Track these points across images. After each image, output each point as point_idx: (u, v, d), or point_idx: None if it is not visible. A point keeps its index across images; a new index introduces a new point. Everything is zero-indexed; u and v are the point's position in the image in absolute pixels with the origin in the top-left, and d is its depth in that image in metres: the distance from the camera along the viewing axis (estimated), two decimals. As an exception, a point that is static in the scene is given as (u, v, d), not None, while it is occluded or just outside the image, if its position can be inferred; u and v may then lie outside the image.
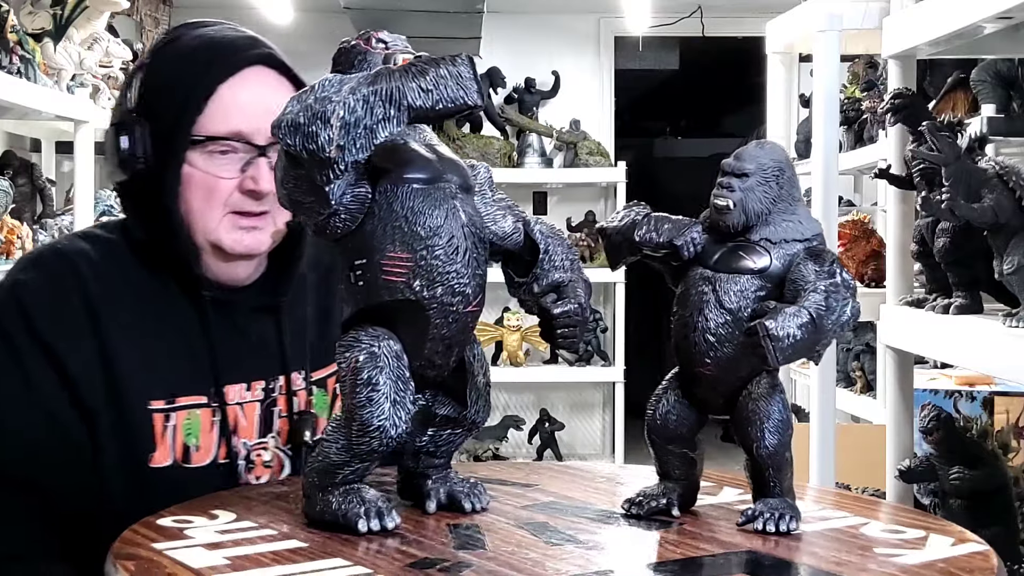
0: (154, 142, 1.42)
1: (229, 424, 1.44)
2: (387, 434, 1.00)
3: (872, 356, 3.70)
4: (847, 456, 2.58)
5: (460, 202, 1.02)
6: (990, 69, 2.60)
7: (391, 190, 1.00)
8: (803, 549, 1.05)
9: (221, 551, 1.01)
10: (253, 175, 1.42)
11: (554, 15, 5.77)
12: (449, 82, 0.98)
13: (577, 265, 1.10)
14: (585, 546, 1.04)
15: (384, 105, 0.97)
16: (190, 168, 1.42)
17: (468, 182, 1.05)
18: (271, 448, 1.48)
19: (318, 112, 0.97)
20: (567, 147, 5.57)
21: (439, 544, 1.03)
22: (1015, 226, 1.71)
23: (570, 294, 1.07)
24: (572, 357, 5.54)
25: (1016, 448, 2.44)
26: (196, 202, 1.43)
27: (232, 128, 1.42)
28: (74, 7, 3.28)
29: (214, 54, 1.45)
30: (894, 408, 2.22)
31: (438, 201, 1.00)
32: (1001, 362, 1.71)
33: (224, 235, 1.43)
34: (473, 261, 1.02)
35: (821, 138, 2.45)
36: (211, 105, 1.42)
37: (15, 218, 3.05)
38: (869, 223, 2.74)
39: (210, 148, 1.42)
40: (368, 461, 1.03)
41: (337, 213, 1.00)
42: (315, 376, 1.53)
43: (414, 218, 0.99)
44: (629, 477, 1.36)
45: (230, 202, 1.43)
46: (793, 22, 2.65)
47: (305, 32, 5.53)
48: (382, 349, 1.02)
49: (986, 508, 1.95)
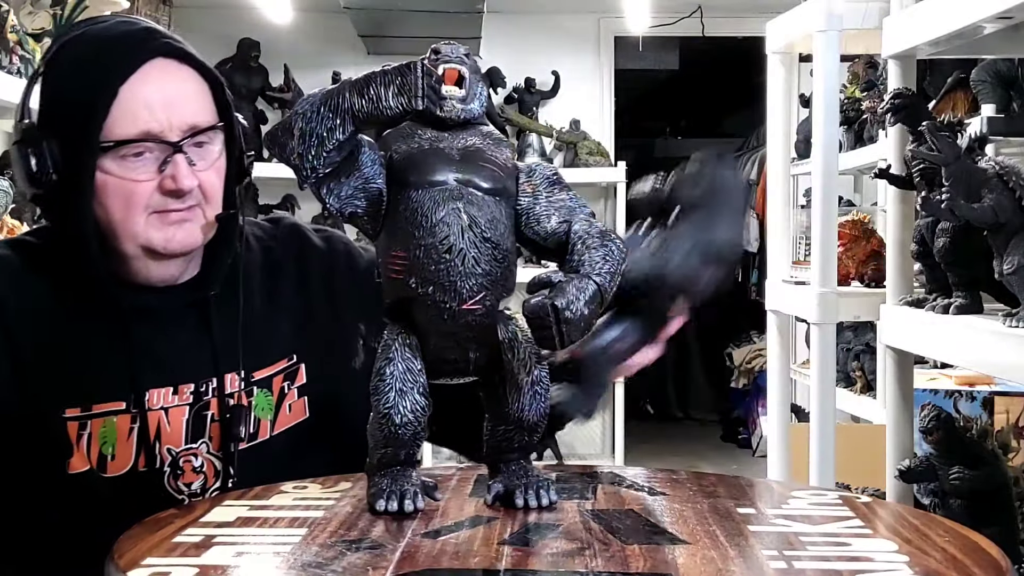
0: (62, 153, 1.34)
1: (150, 431, 1.38)
2: (392, 421, 1.05)
3: (872, 356, 3.71)
4: (847, 456, 2.58)
5: (465, 203, 1.03)
6: (990, 69, 2.61)
7: (401, 192, 1.05)
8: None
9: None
10: (172, 174, 1.35)
11: (554, 15, 5.77)
12: (390, 91, 1.04)
13: (602, 271, 1.02)
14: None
15: (330, 114, 1.04)
16: (104, 176, 1.35)
17: (495, 185, 1.05)
18: (202, 454, 1.41)
19: (287, 124, 1.05)
20: (567, 147, 5.57)
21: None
22: (1015, 226, 1.71)
23: (558, 292, 1.01)
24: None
25: (1016, 448, 2.44)
26: (116, 210, 1.36)
27: (141, 129, 1.34)
28: (74, 7, 3.28)
29: (109, 54, 1.37)
30: (894, 408, 2.22)
31: (439, 203, 1.03)
32: (1001, 362, 1.71)
33: (154, 235, 1.36)
34: (471, 260, 1.03)
35: (821, 138, 2.45)
36: (115, 108, 1.34)
37: (15, 218, 3.05)
38: (869, 223, 2.74)
39: (122, 152, 1.34)
40: (390, 446, 1.06)
41: (342, 212, 1.06)
42: (258, 376, 1.45)
43: (413, 218, 1.03)
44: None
45: (151, 203, 1.36)
46: (793, 22, 2.65)
47: (305, 32, 5.53)
48: (395, 342, 1.06)
49: (986, 508, 1.95)
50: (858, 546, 1.00)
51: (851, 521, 1.08)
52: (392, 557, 0.96)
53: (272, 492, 1.20)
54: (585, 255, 1.04)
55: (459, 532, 1.04)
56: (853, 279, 2.64)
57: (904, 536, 1.04)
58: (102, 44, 1.38)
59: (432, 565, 0.95)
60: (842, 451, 2.47)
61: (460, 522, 1.07)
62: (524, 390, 1.08)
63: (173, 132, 1.35)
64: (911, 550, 0.98)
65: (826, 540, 1.02)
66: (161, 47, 1.38)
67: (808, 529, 1.05)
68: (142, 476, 1.38)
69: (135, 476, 1.38)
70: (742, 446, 6.80)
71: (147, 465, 1.38)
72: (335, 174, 1.06)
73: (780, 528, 1.06)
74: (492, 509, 1.11)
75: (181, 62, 1.39)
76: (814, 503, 1.16)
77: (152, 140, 1.35)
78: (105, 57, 1.36)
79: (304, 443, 1.47)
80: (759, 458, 6.07)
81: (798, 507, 1.14)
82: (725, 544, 1.00)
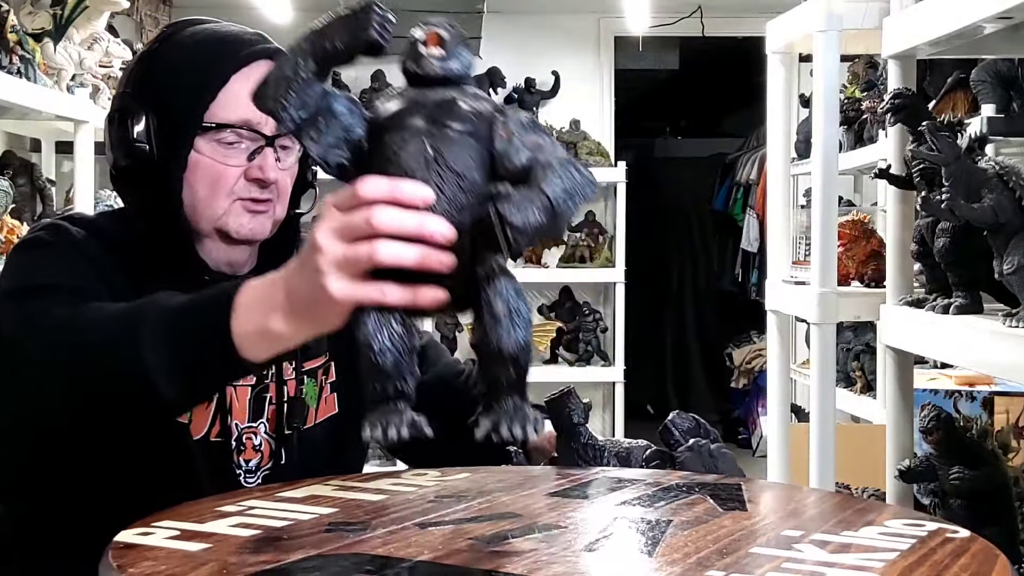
0: (161, 128, 1.44)
1: (225, 403, 1.46)
2: (372, 350, 1.05)
3: (872, 356, 3.70)
4: (847, 456, 2.58)
5: (432, 140, 1.05)
6: (990, 69, 2.60)
7: (379, 140, 1.07)
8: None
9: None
10: (260, 164, 1.46)
11: (554, 15, 5.77)
12: (344, 27, 1.06)
13: (564, 191, 1.05)
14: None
15: (295, 56, 1.07)
16: (197, 155, 1.45)
17: (465, 127, 1.06)
18: (260, 434, 1.49)
19: (267, 77, 1.08)
20: (567, 147, 5.57)
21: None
22: (1015, 226, 1.71)
23: (504, 199, 1.02)
24: (572, 357, 5.55)
25: (1016, 448, 2.44)
26: (202, 189, 1.46)
27: (241, 117, 1.45)
28: (74, 7, 3.28)
29: (225, 46, 1.48)
30: (894, 408, 2.22)
31: (407, 140, 1.05)
32: (1001, 362, 1.71)
33: (231, 220, 1.46)
34: (435, 189, 1.05)
35: (821, 138, 2.45)
36: (222, 94, 1.45)
37: (15, 218, 3.06)
38: (869, 223, 2.74)
39: (218, 136, 1.45)
40: (376, 380, 1.06)
41: (327, 162, 1.08)
42: (306, 367, 1.54)
43: (385, 157, 1.06)
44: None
45: (235, 190, 1.46)
46: (793, 22, 2.65)
47: (305, 32, 5.53)
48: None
49: (986, 508, 1.95)
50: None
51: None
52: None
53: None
54: (540, 172, 1.05)
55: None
56: (853, 279, 2.64)
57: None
58: (219, 36, 1.50)
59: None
60: (842, 451, 2.46)
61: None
62: (501, 320, 1.04)
63: (267, 127, 1.46)
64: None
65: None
66: (271, 51, 1.48)
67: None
68: (214, 445, 1.46)
69: (207, 444, 1.45)
70: (742, 446, 6.80)
71: (220, 435, 1.46)
72: (314, 122, 1.07)
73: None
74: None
75: None
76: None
77: (249, 129, 1.46)
78: (221, 47, 1.48)
79: (339, 436, 1.56)
80: (759, 458, 6.07)
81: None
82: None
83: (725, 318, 7.77)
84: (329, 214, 1.06)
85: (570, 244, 5.54)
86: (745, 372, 7.11)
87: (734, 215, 6.89)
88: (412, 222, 1.02)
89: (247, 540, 1.04)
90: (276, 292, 1.13)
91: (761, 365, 6.63)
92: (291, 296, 1.11)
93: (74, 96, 3.28)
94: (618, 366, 5.47)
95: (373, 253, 1.03)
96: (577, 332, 5.57)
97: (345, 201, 1.06)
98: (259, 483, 1.49)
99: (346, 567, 0.95)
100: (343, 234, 1.05)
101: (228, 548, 1.01)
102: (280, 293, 1.12)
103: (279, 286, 1.13)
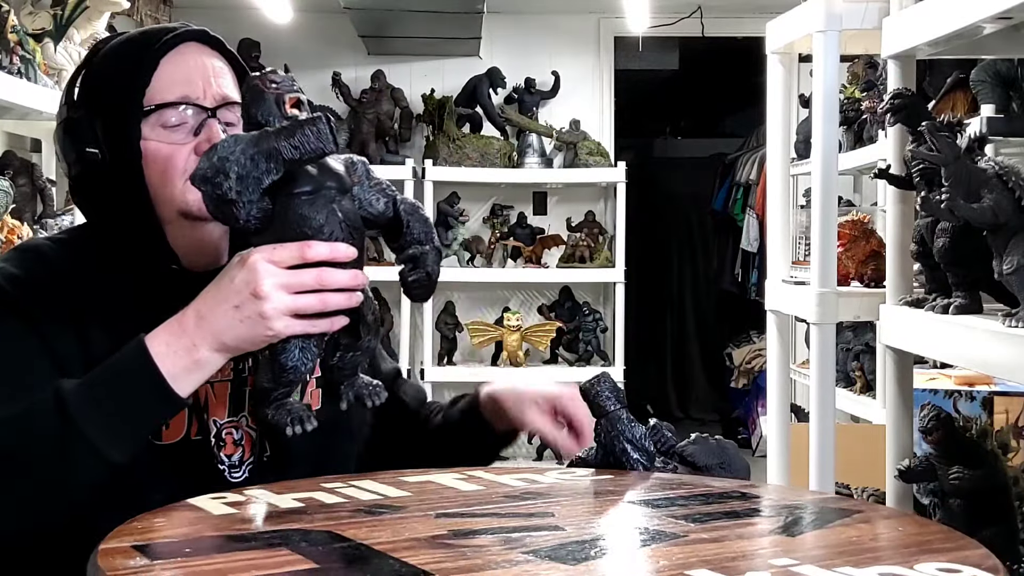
0: (106, 129, 1.48)
1: (200, 402, 1.47)
2: (293, 369, 1.32)
3: (872, 356, 3.71)
4: (847, 456, 2.58)
5: (337, 204, 1.32)
6: (990, 69, 2.61)
7: (285, 201, 1.30)
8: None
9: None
10: (207, 136, 1.48)
11: (554, 15, 5.77)
12: (311, 138, 1.27)
13: (431, 236, 1.39)
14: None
15: (266, 161, 1.27)
16: (144, 143, 1.48)
17: (346, 184, 1.33)
18: (242, 427, 1.51)
19: (219, 168, 1.28)
20: (567, 147, 5.57)
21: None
22: (1015, 226, 1.71)
23: (420, 264, 1.38)
24: (572, 357, 5.55)
25: (1016, 448, 2.44)
26: (156, 175, 1.48)
27: (179, 94, 1.49)
28: (74, 7, 3.28)
29: (149, 37, 1.52)
30: (894, 408, 2.22)
31: (320, 206, 1.31)
32: (1001, 362, 1.71)
33: (190, 197, 1.46)
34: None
35: (821, 138, 2.45)
36: (156, 79, 1.49)
37: (15, 218, 3.05)
38: (869, 223, 2.74)
39: (161, 120, 1.48)
40: (279, 387, 1.33)
41: (248, 222, 1.30)
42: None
43: (303, 221, 1.30)
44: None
45: (188, 168, 1.46)
46: (793, 22, 2.65)
47: (305, 32, 5.53)
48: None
49: (986, 508, 1.95)
50: None
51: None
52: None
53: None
54: (415, 227, 1.39)
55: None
56: (853, 279, 2.64)
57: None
58: (142, 33, 1.55)
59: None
60: (842, 451, 2.46)
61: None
62: (371, 326, 1.39)
63: (208, 100, 1.50)
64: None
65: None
66: (196, 33, 1.54)
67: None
68: (194, 444, 1.48)
69: (188, 444, 1.47)
70: (742, 446, 6.80)
71: (199, 434, 1.48)
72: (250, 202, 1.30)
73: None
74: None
75: (213, 48, 1.55)
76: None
77: (189, 104, 1.49)
78: (146, 39, 1.52)
79: (324, 430, 1.54)
80: (759, 458, 6.07)
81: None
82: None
83: (725, 318, 7.78)
84: (268, 270, 1.29)
85: (570, 244, 5.55)
86: (745, 372, 7.11)
87: (734, 215, 6.89)
88: (346, 277, 1.32)
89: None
90: (198, 331, 1.33)
91: (761, 365, 6.63)
92: (221, 334, 1.32)
93: (74, 96, 3.28)
94: (618, 366, 5.47)
95: (324, 304, 1.31)
96: (577, 332, 5.57)
97: (286, 259, 1.30)
98: (245, 477, 1.50)
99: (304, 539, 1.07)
100: (290, 288, 1.30)
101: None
102: (202, 332, 1.33)
103: (202, 326, 1.33)
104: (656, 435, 1.44)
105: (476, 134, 5.59)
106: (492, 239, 5.55)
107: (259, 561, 1.01)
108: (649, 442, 1.42)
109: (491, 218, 5.67)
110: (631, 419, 1.43)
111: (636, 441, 1.41)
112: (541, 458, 5.38)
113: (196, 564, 1.00)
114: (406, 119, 5.64)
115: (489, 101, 5.57)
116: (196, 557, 1.02)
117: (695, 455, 1.41)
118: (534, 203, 5.81)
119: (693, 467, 1.42)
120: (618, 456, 1.41)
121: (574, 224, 5.58)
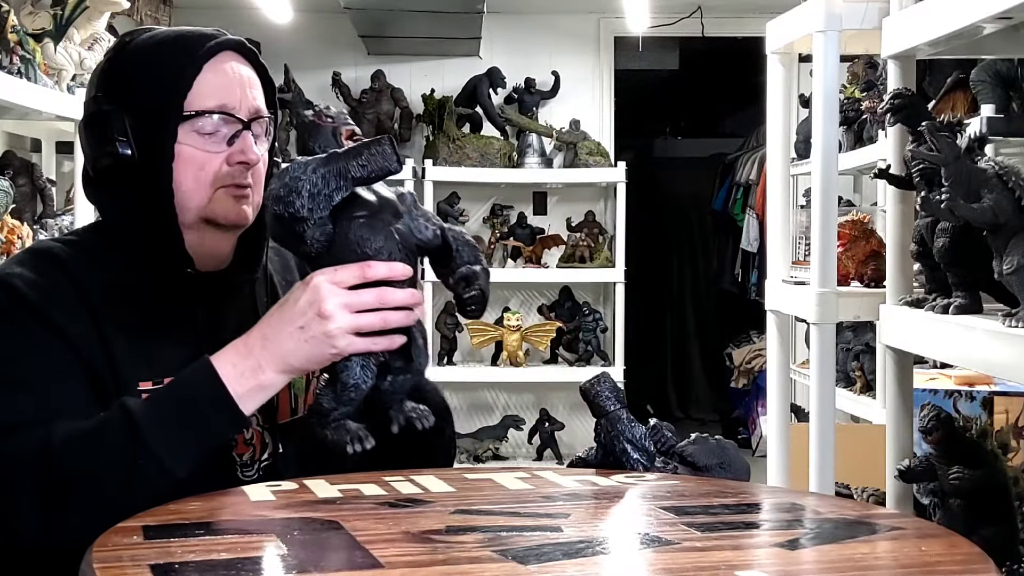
0: (139, 125, 1.48)
1: None
2: (355, 386, 1.37)
3: (872, 356, 3.71)
4: (847, 456, 2.58)
5: (393, 227, 1.39)
6: (990, 69, 2.60)
7: (345, 225, 1.37)
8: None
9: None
10: (241, 147, 1.51)
11: (554, 15, 5.77)
12: (378, 158, 1.34)
13: (480, 259, 1.45)
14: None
15: (336, 179, 1.34)
16: (179, 146, 1.49)
17: (399, 210, 1.40)
18: (252, 427, 1.53)
19: (292, 187, 1.34)
20: (567, 147, 5.56)
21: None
22: (1015, 226, 1.71)
23: (474, 282, 1.42)
24: (572, 357, 5.55)
25: (1016, 448, 2.44)
26: (188, 180, 1.50)
27: (218, 103, 1.50)
28: (74, 7, 3.28)
29: (189, 40, 1.53)
30: (894, 408, 2.22)
31: (378, 229, 1.38)
32: (1000, 362, 1.71)
33: (216, 206, 1.51)
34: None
35: (821, 138, 2.45)
36: (197, 84, 1.50)
37: (15, 218, 3.06)
38: (869, 223, 2.74)
39: (197, 127, 1.49)
40: (349, 406, 1.38)
41: (313, 245, 1.36)
42: None
43: (362, 243, 1.37)
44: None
45: (220, 176, 1.51)
46: (793, 22, 2.65)
47: (305, 32, 5.53)
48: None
49: (986, 508, 1.95)
50: None
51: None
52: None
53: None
54: (464, 251, 1.45)
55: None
56: (853, 279, 2.64)
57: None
58: (180, 34, 1.56)
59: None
60: (842, 451, 2.46)
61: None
62: (421, 349, 1.44)
63: (243, 111, 1.52)
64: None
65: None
66: (234, 43, 1.55)
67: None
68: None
69: None
70: (742, 446, 6.80)
71: None
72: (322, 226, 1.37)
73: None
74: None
75: (247, 59, 1.57)
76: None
77: (227, 114, 1.51)
78: (185, 42, 1.53)
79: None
80: (759, 458, 6.07)
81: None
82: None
83: (725, 318, 7.77)
84: (331, 290, 1.35)
85: (570, 244, 5.55)
86: (745, 372, 7.11)
87: (734, 215, 6.89)
88: (404, 296, 1.37)
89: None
90: (264, 352, 1.38)
91: (761, 365, 6.63)
92: (287, 355, 1.37)
93: (74, 96, 3.28)
94: (618, 366, 5.47)
95: (385, 321, 1.37)
96: (577, 332, 5.57)
97: (347, 279, 1.35)
98: (258, 476, 1.52)
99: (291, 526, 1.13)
100: (352, 307, 1.35)
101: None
102: (268, 353, 1.38)
103: (268, 348, 1.38)
104: (656, 435, 1.44)
105: (476, 134, 5.58)
106: (492, 239, 5.55)
107: (227, 543, 1.07)
108: (649, 442, 1.42)
109: (491, 218, 5.67)
110: (631, 419, 1.44)
111: (636, 441, 1.42)
112: (541, 458, 5.38)
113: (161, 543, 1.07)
114: (406, 119, 5.64)
115: (489, 101, 5.56)
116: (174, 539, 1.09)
117: (695, 455, 1.41)
118: (534, 203, 5.81)
119: (693, 467, 1.42)
120: (618, 456, 1.41)
121: (574, 224, 5.58)
